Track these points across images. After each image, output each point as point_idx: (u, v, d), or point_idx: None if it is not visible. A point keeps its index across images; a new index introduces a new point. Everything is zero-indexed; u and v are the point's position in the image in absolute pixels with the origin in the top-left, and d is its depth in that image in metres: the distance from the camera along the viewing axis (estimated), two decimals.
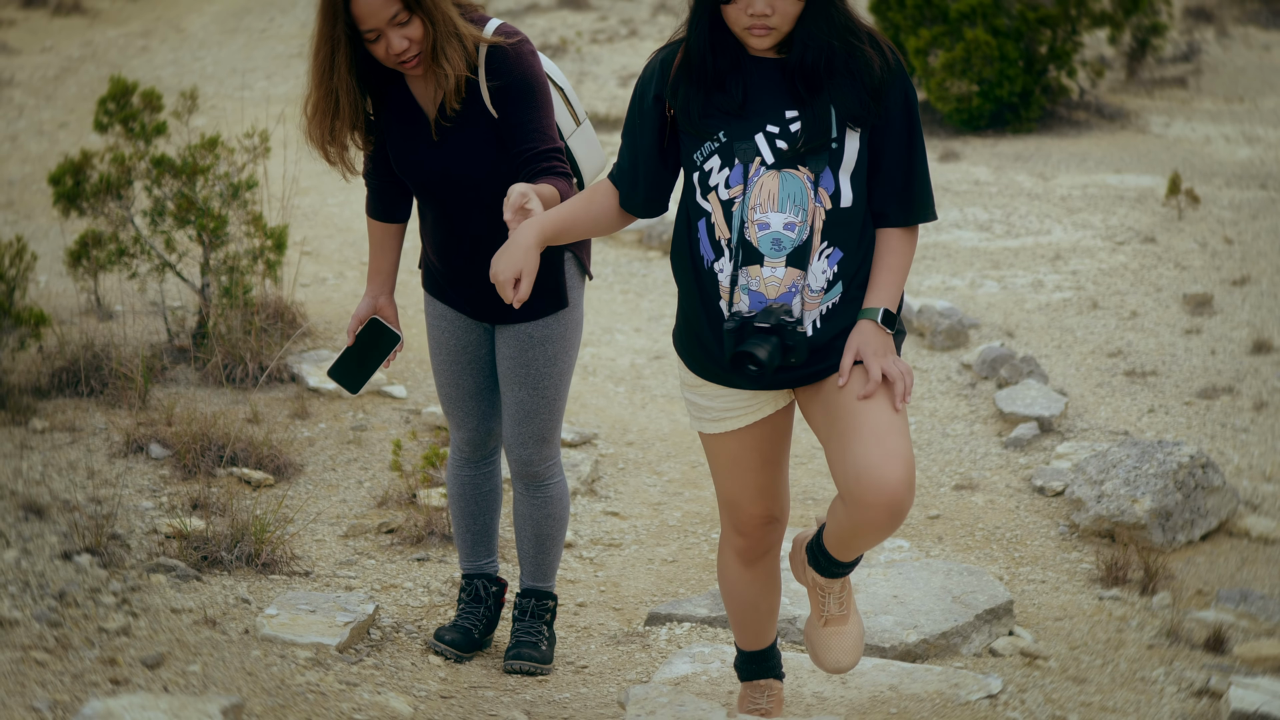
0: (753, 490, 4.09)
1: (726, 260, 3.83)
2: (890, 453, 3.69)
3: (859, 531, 3.80)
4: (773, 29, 3.73)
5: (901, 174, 3.84)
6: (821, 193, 3.77)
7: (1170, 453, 6.16)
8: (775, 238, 3.78)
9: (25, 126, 12.65)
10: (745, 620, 4.30)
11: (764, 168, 3.78)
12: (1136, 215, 9.91)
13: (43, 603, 4.60)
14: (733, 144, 3.78)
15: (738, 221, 3.80)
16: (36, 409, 6.59)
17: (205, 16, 16.57)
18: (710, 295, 3.87)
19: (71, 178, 7.47)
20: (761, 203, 3.78)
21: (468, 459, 4.96)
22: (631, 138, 3.95)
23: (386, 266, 4.78)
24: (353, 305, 8.70)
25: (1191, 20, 15.00)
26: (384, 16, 4.30)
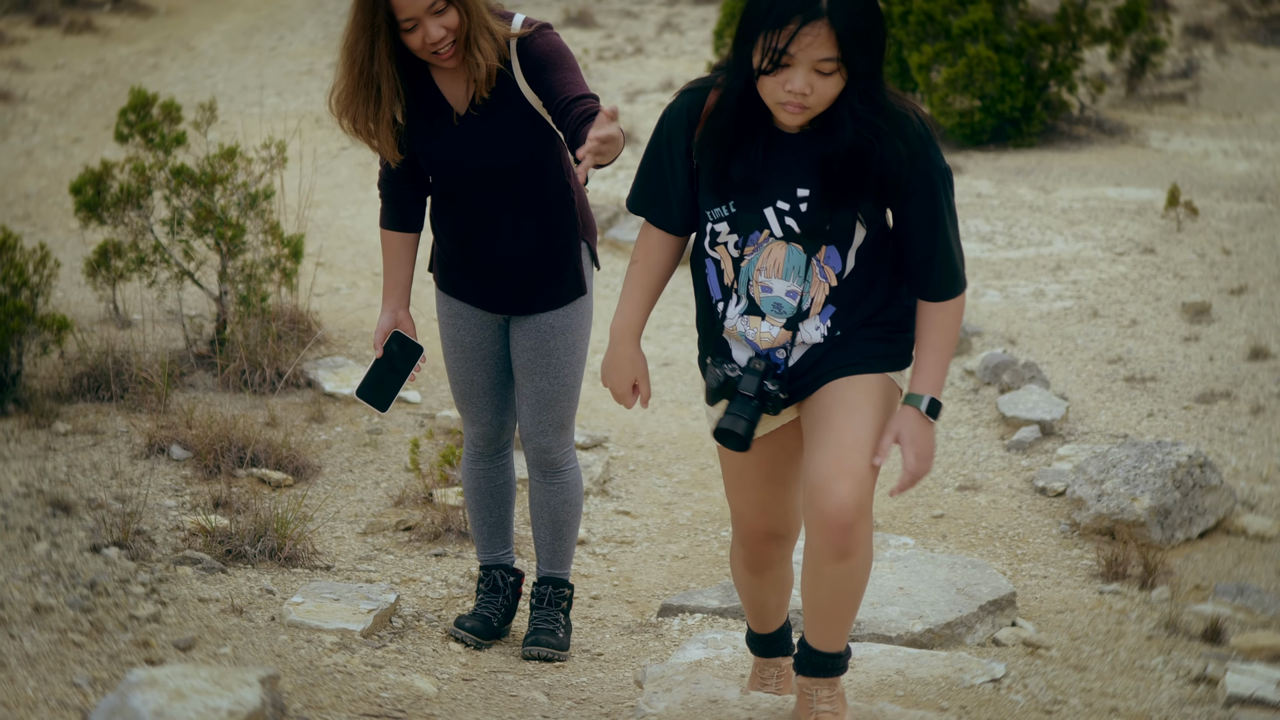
0: (755, 506, 4.08)
1: (733, 305, 3.86)
2: (846, 470, 3.71)
3: (816, 563, 3.80)
4: (807, 108, 3.65)
5: (925, 255, 3.78)
6: (827, 270, 3.79)
7: (1169, 453, 6.30)
8: (776, 302, 3.81)
9: (40, 142, 12.82)
10: (755, 611, 4.37)
11: (772, 238, 3.78)
12: (1136, 227, 10.07)
13: (75, 591, 4.75)
14: (740, 215, 3.78)
15: (744, 278, 3.83)
16: (59, 413, 6.74)
17: (215, 35, 16.75)
18: (716, 325, 3.90)
19: (92, 187, 7.63)
20: (767, 268, 3.79)
21: (482, 453, 5.10)
22: (660, 175, 3.90)
23: (403, 279, 4.88)
24: (366, 314, 8.86)
25: (1191, 37, 15.17)
26: (423, 5, 4.41)
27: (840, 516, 3.72)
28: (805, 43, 3.57)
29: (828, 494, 3.71)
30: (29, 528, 5.32)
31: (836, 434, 3.75)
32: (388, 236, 4.88)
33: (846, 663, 4.03)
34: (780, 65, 3.60)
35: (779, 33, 3.58)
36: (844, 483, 3.71)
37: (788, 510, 4.12)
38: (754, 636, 4.42)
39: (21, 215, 10.71)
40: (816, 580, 3.87)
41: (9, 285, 6.95)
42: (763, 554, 4.15)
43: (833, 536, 3.74)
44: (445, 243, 4.85)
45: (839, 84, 3.63)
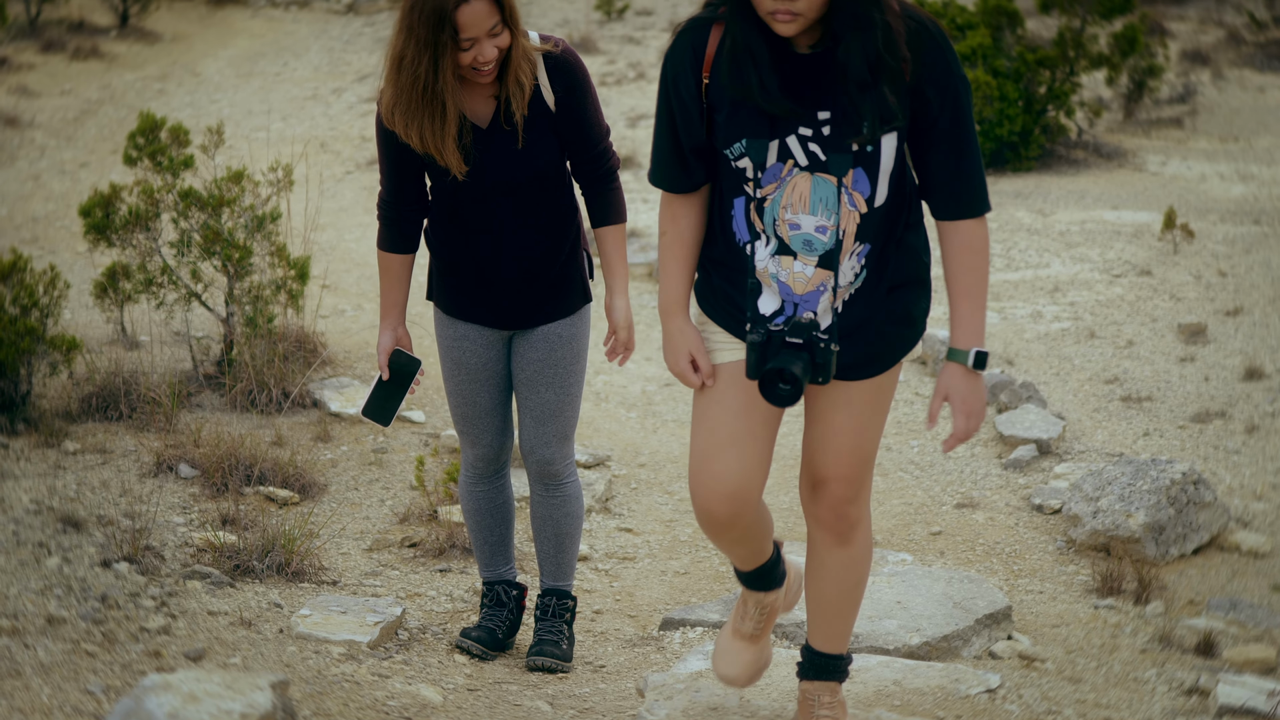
0: (724, 437, 3.84)
1: (762, 245, 3.75)
2: (843, 475, 3.87)
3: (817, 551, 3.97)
4: (798, 14, 3.55)
5: (952, 167, 3.71)
6: (856, 196, 3.69)
7: (1163, 470, 6.39)
8: (806, 238, 3.71)
9: (47, 166, 12.94)
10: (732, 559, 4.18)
11: (796, 169, 3.68)
12: (1133, 249, 10.17)
13: (87, 604, 4.84)
14: (760, 146, 3.67)
15: (770, 217, 3.73)
16: (68, 432, 6.83)
17: (220, 61, 16.88)
18: (741, 267, 3.79)
19: (101, 210, 7.73)
20: (793, 203, 3.70)
21: (481, 475, 5.16)
22: (671, 127, 3.81)
23: (401, 298, 4.96)
24: (371, 335, 8.95)
25: (1188, 63, 15.29)
26: (486, 26, 4.52)
27: (839, 509, 3.89)
28: None
29: (826, 491, 3.86)
30: (40, 543, 5.41)
31: (837, 441, 3.86)
32: (387, 258, 4.95)
33: (848, 668, 4.10)
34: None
35: None
36: (841, 485, 3.86)
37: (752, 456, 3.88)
38: (739, 573, 4.24)
39: (29, 238, 10.82)
40: (820, 572, 3.97)
41: (19, 306, 7.05)
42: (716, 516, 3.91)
43: (832, 526, 3.91)
44: (451, 263, 4.91)
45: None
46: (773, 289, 3.78)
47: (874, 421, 3.90)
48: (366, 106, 15.06)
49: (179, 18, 18.49)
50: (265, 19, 18.72)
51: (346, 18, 18.61)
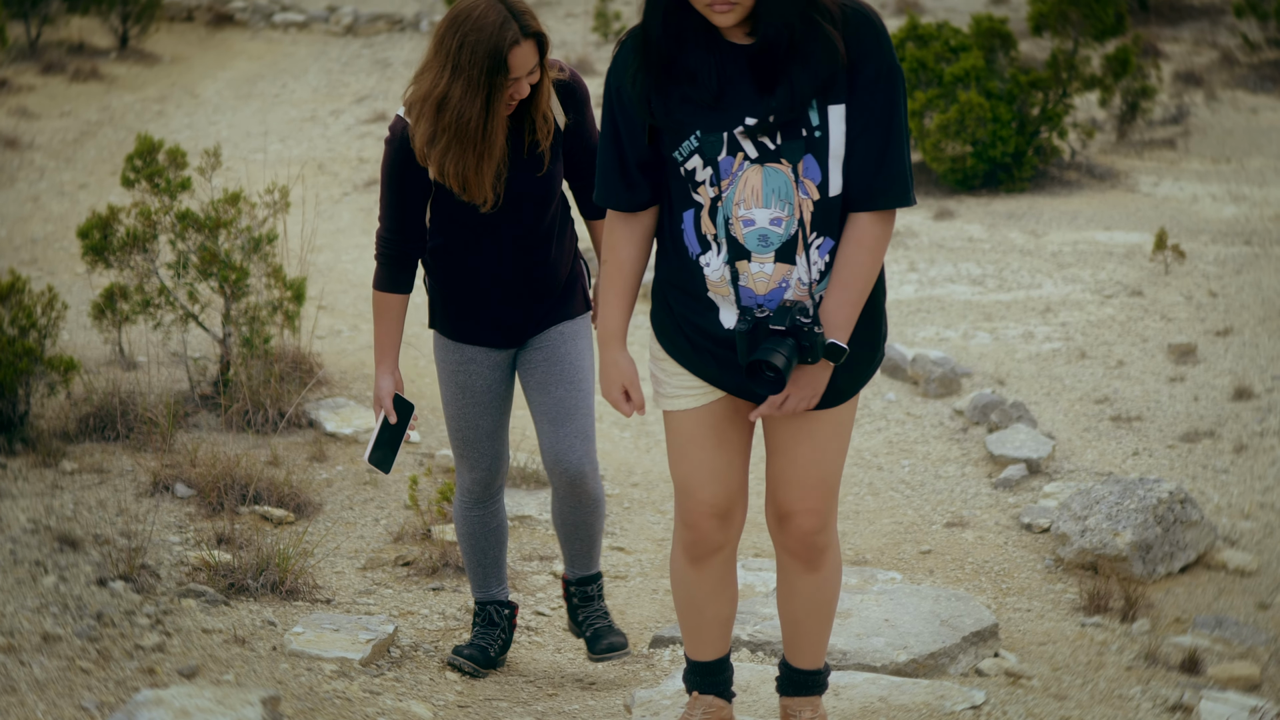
0: (706, 473, 3.92)
1: (714, 254, 3.74)
2: (811, 508, 3.92)
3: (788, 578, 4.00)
4: (735, 4, 3.56)
5: (875, 154, 3.68)
6: (807, 183, 3.67)
7: (1150, 489, 6.45)
8: (761, 234, 3.69)
9: (46, 188, 13.01)
10: (691, 623, 4.17)
11: (747, 162, 3.67)
12: (1124, 270, 10.23)
13: (82, 621, 4.90)
14: (709, 140, 3.67)
15: (722, 218, 3.71)
16: (66, 452, 6.89)
17: (219, 82, 16.97)
18: (697, 286, 3.78)
19: (99, 231, 7.80)
20: (745, 199, 3.68)
21: (478, 499, 5.19)
22: (616, 141, 3.83)
23: (398, 340, 4.95)
24: (366, 356, 9.02)
25: (1181, 84, 15.37)
26: (529, 65, 4.60)
27: (807, 539, 3.95)
28: None
29: (792, 523, 3.92)
30: (37, 562, 5.47)
31: (802, 471, 3.91)
32: (387, 299, 4.91)
33: (827, 680, 4.14)
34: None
35: None
36: (808, 518, 3.92)
37: (736, 480, 3.98)
38: (690, 667, 4.23)
39: (28, 260, 10.89)
40: (791, 596, 4.01)
41: (17, 327, 7.11)
42: (707, 533, 3.99)
43: (801, 554, 3.97)
44: (457, 288, 4.91)
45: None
46: (730, 300, 3.77)
47: (836, 451, 3.94)
48: (364, 128, 15.14)
49: (178, 40, 18.59)
50: (264, 41, 18.81)
51: (345, 39, 18.70)
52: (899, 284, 10.30)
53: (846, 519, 7.04)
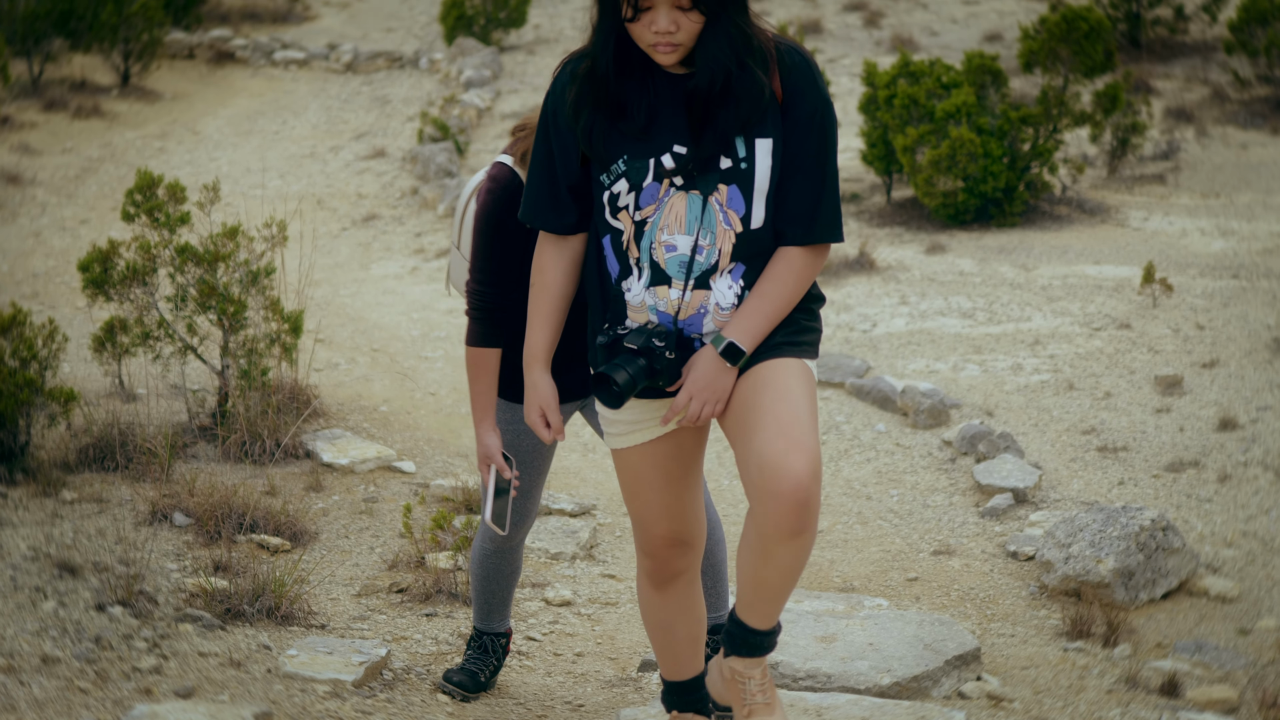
0: (657, 509, 4.02)
1: (635, 279, 3.84)
2: (795, 443, 3.68)
3: (767, 543, 3.73)
4: (678, 45, 3.72)
5: (812, 191, 3.80)
6: (731, 214, 3.78)
7: (1133, 516, 6.55)
8: (682, 260, 3.78)
9: (48, 223, 13.14)
10: (663, 645, 4.27)
11: (673, 189, 3.79)
12: (1113, 303, 10.35)
13: (81, 644, 5.00)
14: (635, 166, 3.78)
15: (647, 242, 3.80)
16: (66, 481, 6.99)
17: (220, 119, 17.12)
18: (616, 313, 3.88)
19: (100, 265, 7.92)
20: (669, 224, 3.79)
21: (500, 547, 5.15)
22: (549, 162, 3.91)
23: (495, 396, 4.81)
24: (363, 388, 9.14)
25: (1173, 120, 15.51)
26: None
27: (798, 493, 3.69)
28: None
29: (784, 470, 3.68)
30: (37, 588, 5.57)
31: (774, 413, 3.74)
32: (483, 355, 4.77)
33: (776, 640, 3.99)
34: (642, 9, 3.69)
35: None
36: (798, 456, 3.68)
37: (688, 514, 4.06)
38: (666, 687, 4.34)
39: (30, 294, 11.01)
40: (765, 560, 3.79)
41: (18, 359, 7.23)
42: (667, 561, 4.09)
43: (790, 513, 3.70)
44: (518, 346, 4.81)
45: (702, 18, 3.70)
46: (653, 323, 3.85)
47: (797, 392, 3.79)
48: (363, 164, 15.28)
49: (179, 77, 18.75)
50: (265, 78, 18.97)
51: (345, 77, 18.85)
52: (890, 317, 10.41)
53: (835, 547, 7.15)
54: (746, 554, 3.86)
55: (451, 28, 19.80)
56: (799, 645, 5.47)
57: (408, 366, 9.77)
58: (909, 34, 19.39)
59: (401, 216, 13.74)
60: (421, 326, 10.69)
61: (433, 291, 11.59)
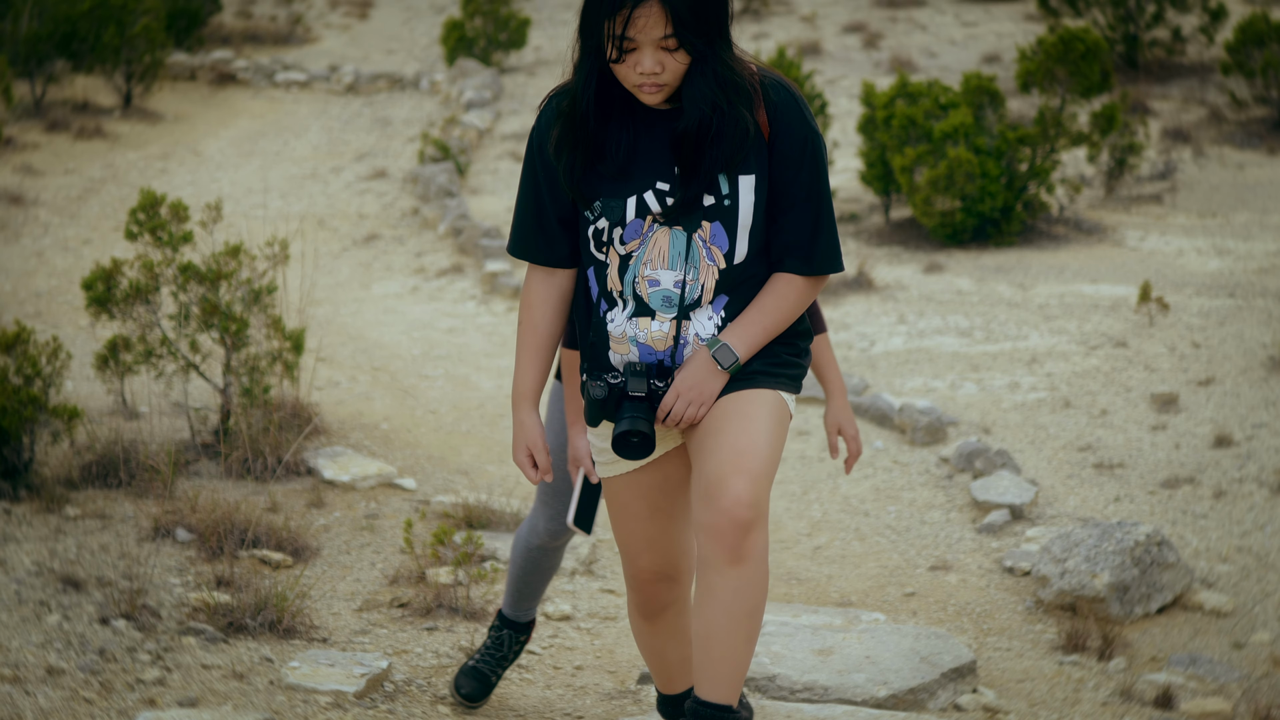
0: (641, 541, 4.04)
1: (619, 310, 3.85)
2: (741, 469, 3.69)
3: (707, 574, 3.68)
4: (664, 85, 3.73)
5: (809, 225, 3.83)
6: (714, 250, 3.81)
7: (1128, 532, 6.60)
8: (666, 295, 3.80)
9: (51, 243, 13.21)
10: (655, 666, 4.32)
11: (656, 224, 3.80)
12: (1110, 322, 10.41)
13: (85, 656, 5.05)
14: (616, 204, 3.79)
15: (630, 276, 3.82)
16: (69, 498, 7.04)
17: (221, 140, 17.20)
18: (601, 342, 3.90)
19: (103, 283, 7.98)
20: (653, 259, 3.80)
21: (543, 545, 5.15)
22: (537, 195, 3.92)
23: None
24: (364, 406, 9.20)
25: (1170, 140, 15.59)
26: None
27: (735, 511, 3.68)
28: (641, 24, 3.66)
29: (722, 491, 3.68)
30: (41, 601, 5.63)
31: (731, 438, 3.74)
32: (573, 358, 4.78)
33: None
34: (626, 50, 3.69)
35: (616, 18, 3.67)
36: (739, 479, 3.68)
37: (675, 546, 4.06)
38: (662, 699, 4.40)
39: (33, 313, 11.06)
40: (709, 598, 3.73)
41: (22, 376, 7.28)
42: (653, 595, 4.11)
43: (728, 535, 3.68)
44: None
45: (688, 58, 3.71)
46: (632, 355, 3.86)
47: (761, 423, 3.80)
48: (365, 185, 15.36)
49: (181, 98, 18.83)
50: (266, 99, 19.06)
51: (346, 98, 18.94)
52: (888, 336, 10.47)
53: (833, 563, 7.20)
54: (696, 599, 3.81)
55: (452, 49, 19.90)
56: (796, 658, 5.52)
57: (408, 385, 9.83)
58: (908, 55, 19.49)
59: (402, 236, 13.81)
60: (422, 345, 10.75)
61: (434, 311, 11.66)
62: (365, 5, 24.53)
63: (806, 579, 6.97)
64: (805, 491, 8.06)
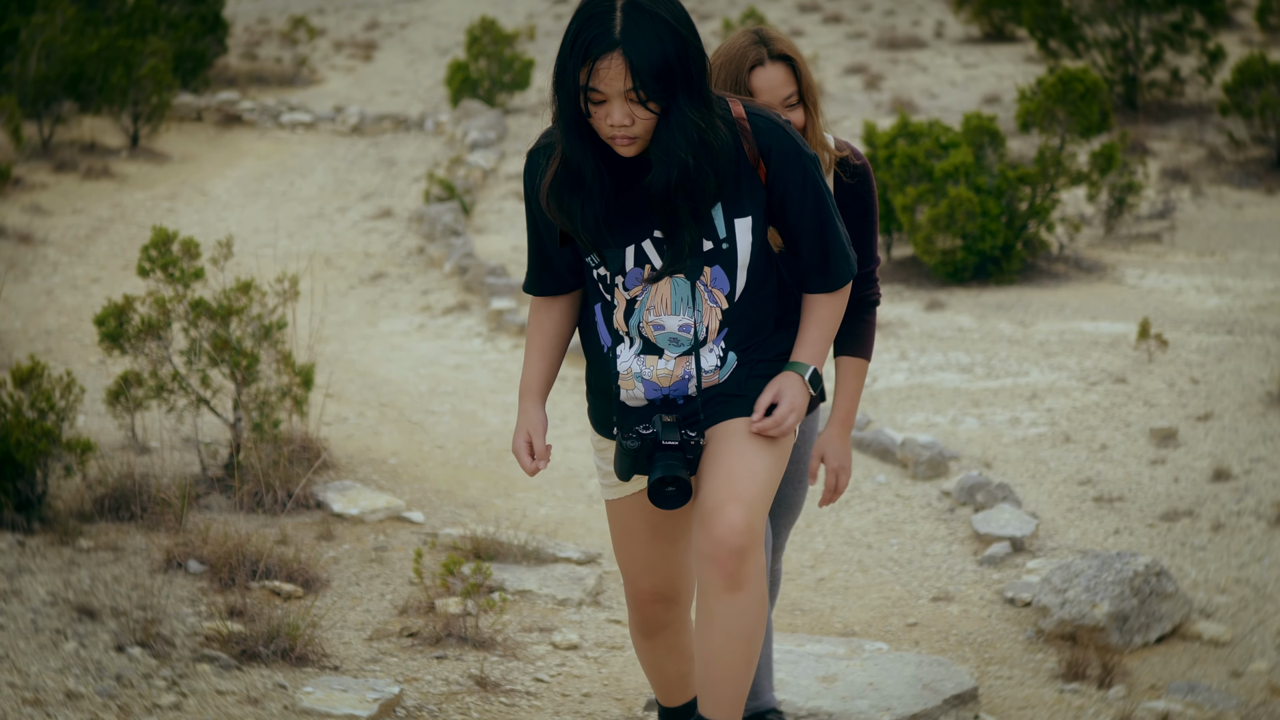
0: (640, 563, 4.11)
1: (626, 348, 3.92)
2: (736, 495, 3.75)
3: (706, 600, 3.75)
4: (636, 137, 3.73)
5: (820, 253, 3.90)
6: (716, 293, 3.87)
7: (1127, 562, 6.69)
8: (672, 337, 3.87)
9: (60, 282, 13.34)
10: (656, 681, 4.42)
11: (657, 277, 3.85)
12: (1109, 358, 10.52)
13: (103, 682, 5.15)
14: (614, 255, 3.84)
15: (636, 320, 3.89)
16: (82, 530, 7.14)
17: (228, 180, 17.35)
18: (609, 375, 3.95)
19: (115, 319, 8.09)
20: (655, 306, 3.86)
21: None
22: (537, 237, 3.99)
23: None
24: (372, 441, 9.30)
25: (1169, 180, 15.74)
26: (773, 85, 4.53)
27: (730, 539, 3.73)
28: (606, 76, 3.66)
29: (717, 517, 3.74)
30: (58, 630, 5.72)
31: (727, 465, 3.81)
32: None
33: None
34: (596, 102, 3.70)
35: (582, 70, 3.67)
36: (733, 506, 3.74)
37: (675, 569, 4.13)
38: (663, 712, 4.49)
39: (43, 350, 11.17)
40: (708, 622, 3.81)
41: (36, 410, 7.39)
42: (651, 616, 4.20)
43: (724, 562, 3.73)
44: None
45: (657, 110, 3.69)
46: (637, 390, 3.94)
47: (762, 453, 3.87)
48: (370, 224, 15.50)
49: (188, 139, 19.00)
50: (273, 140, 19.22)
51: (351, 139, 19.10)
52: (890, 372, 10.58)
53: (836, 594, 7.28)
54: (697, 625, 3.88)
55: (457, 91, 20.07)
56: (801, 685, 5.61)
57: (416, 420, 9.93)
58: (909, 96, 19.65)
59: (408, 275, 13.93)
60: (429, 381, 10.86)
61: (440, 348, 11.77)
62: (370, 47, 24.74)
63: (810, 610, 7.06)
64: (809, 524, 8.15)
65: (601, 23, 3.64)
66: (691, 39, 3.71)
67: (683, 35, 3.69)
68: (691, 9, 25.63)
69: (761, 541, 3.84)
